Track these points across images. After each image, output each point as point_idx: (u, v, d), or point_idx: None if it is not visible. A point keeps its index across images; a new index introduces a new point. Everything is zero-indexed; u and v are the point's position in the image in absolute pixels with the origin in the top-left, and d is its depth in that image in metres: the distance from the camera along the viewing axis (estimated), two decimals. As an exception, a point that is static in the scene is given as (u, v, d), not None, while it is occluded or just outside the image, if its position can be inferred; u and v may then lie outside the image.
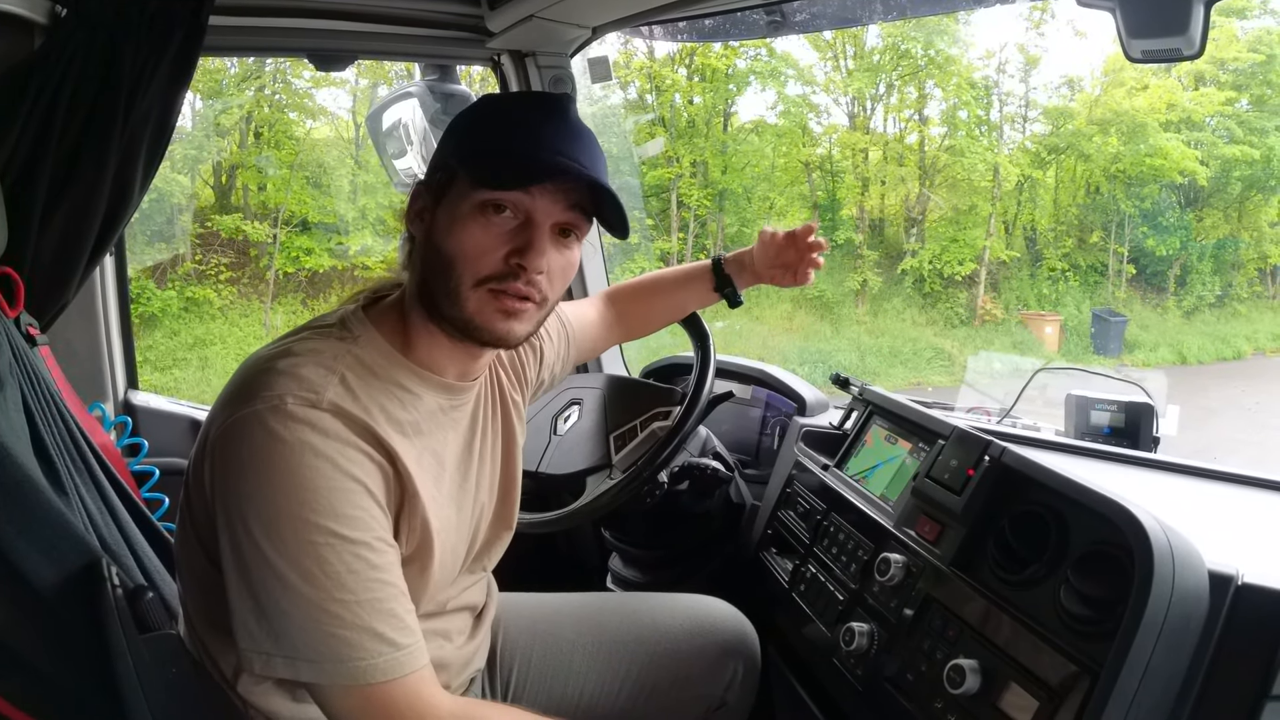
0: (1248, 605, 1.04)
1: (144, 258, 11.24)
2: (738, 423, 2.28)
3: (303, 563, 0.94)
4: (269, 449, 0.96)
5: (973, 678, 1.16)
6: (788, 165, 15.76)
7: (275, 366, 1.02)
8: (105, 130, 1.65)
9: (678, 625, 1.55)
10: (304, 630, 0.94)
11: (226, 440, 0.98)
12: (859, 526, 1.58)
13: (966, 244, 15.10)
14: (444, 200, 1.10)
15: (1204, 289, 15.77)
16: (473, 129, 1.14)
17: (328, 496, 0.97)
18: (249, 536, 0.95)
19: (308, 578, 0.94)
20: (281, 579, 0.94)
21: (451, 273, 1.08)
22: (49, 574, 0.94)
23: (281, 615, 0.94)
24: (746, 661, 1.57)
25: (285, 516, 0.94)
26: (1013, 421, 1.97)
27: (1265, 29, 15.30)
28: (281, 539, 0.94)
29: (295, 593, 0.94)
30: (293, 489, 0.95)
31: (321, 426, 0.98)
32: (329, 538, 0.96)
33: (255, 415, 0.97)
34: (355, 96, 13.45)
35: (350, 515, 0.98)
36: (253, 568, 0.95)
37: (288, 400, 0.98)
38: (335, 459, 0.98)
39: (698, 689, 1.52)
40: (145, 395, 2.21)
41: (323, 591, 0.95)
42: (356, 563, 0.97)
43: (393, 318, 1.15)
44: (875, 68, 15.51)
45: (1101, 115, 15.19)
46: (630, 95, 14.77)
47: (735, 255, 1.75)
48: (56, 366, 1.60)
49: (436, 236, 1.10)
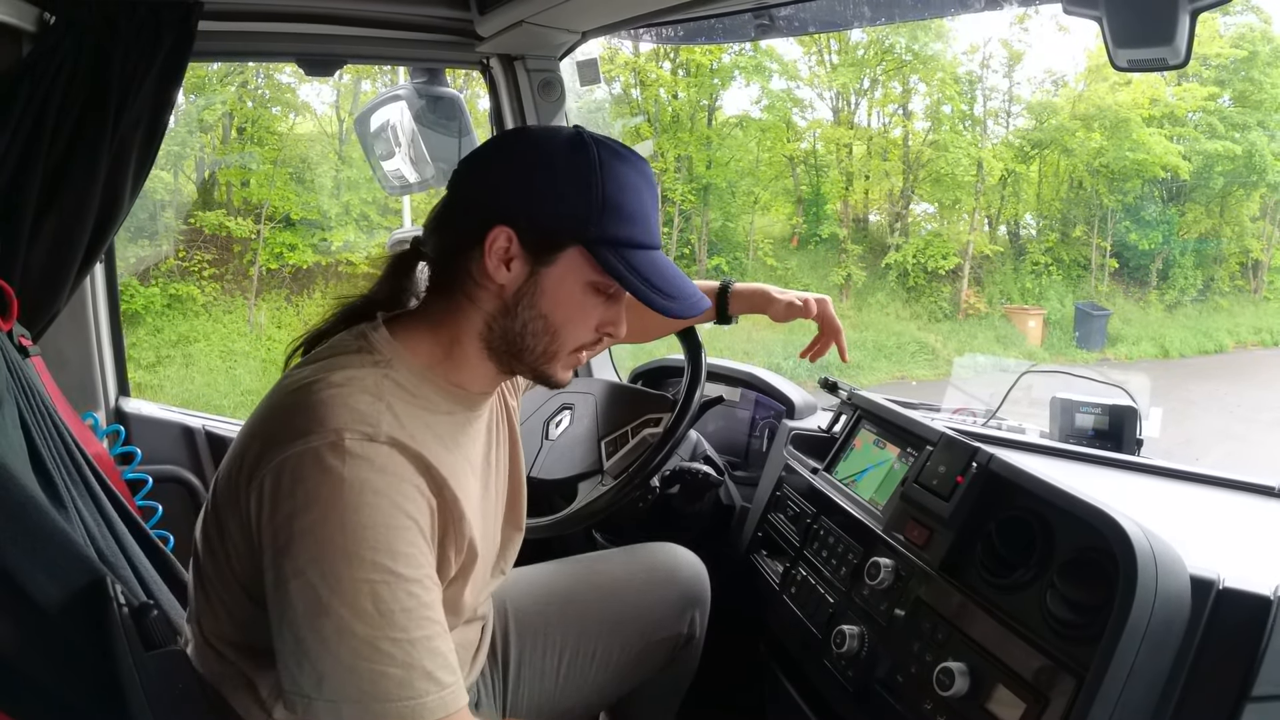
0: (1228, 609, 1.07)
1: (127, 255, 11.14)
2: (727, 424, 2.29)
3: (359, 601, 0.93)
4: (329, 487, 0.95)
5: (961, 680, 1.18)
6: (772, 160, 15.72)
7: (323, 398, 1.01)
8: (95, 138, 1.65)
9: (639, 576, 1.64)
10: (353, 671, 0.93)
11: (280, 477, 0.97)
12: (848, 530, 1.60)
13: (950, 238, 15.15)
14: (550, 265, 1.10)
15: (1186, 283, 15.87)
16: (609, 212, 1.09)
17: (386, 535, 0.96)
18: (300, 576, 0.94)
19: (362, 616, 0.93)
20: (334, 618, 0.93)
21: (556, 339, 1.13)
22: (54, 593, 0.94)
23: (329, 656, 0.93)
24: (701, 596, 1.68)
25: (344, 554, 0.94)
26: (998, 423, 1.98)
27: (1248, 25, 15.41)
28: (338, 577, 0.93)
29: (348, 632, 0.93)
30: (353, 527, 0.95)
31: (380, 463, 0.99)
32: (386, 575, 0.95)
33: (313, 452, 0.96)
34: (339, 91, 13.39)
35: (406, 553, 0.98)
36: (301, 607, 0.94)
37: (345, 436, 0.98)
38: (394, 497, 0.99)
39: (665, 631, 1.62)
40: (137, 402, 2.21)
41: (377, 630, 0.94)
42: (410, 600, 0.96)
43: (422, 338, 1.15)
44: (859, 62, 15.50)
45: (1085, 110, 15.24)
46: (615, 90, 14.76)
47: (749, 295, 1.78)
48: (49, 377, 1.60)
49: (541, 300, 1.11)
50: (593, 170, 1.08)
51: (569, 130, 1.13)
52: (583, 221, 1.08)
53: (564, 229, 1.09)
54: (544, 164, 1.09)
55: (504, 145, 1.17)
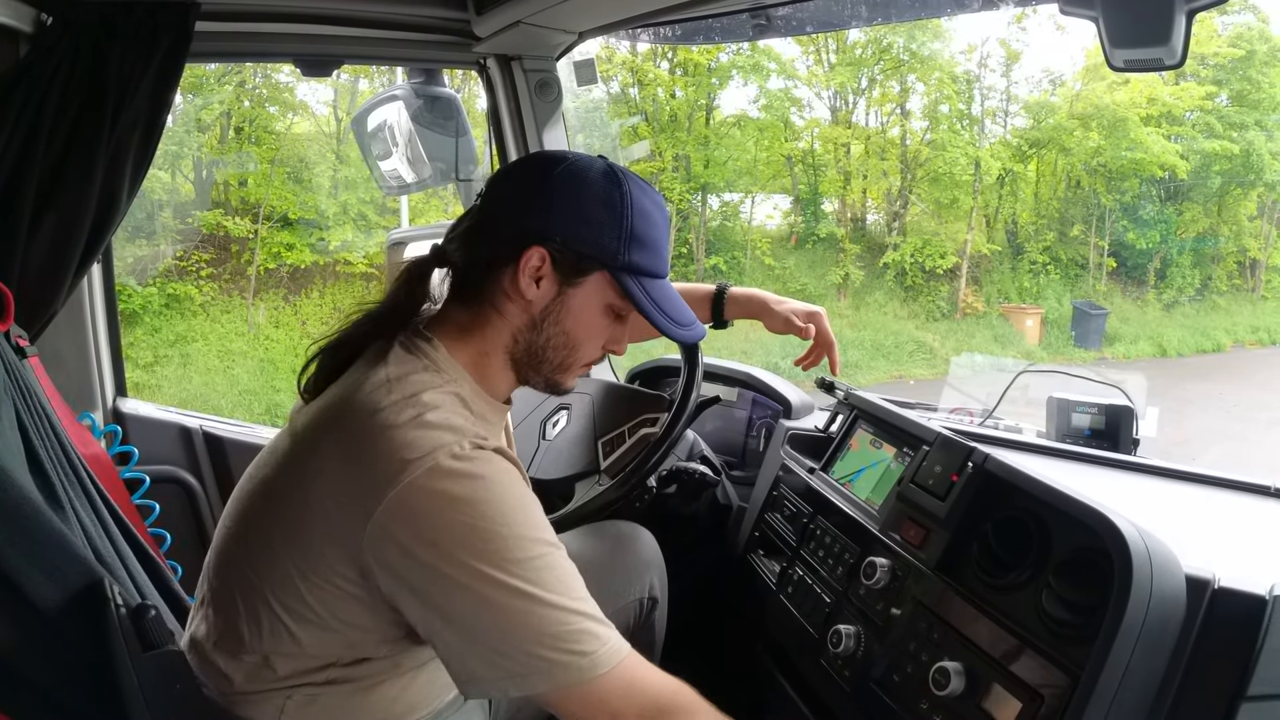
0: (1224, 608, 1.07)
1: (125, 255, 11.12)
2: (724, 425, 2.30)
3: (541, 576, 1.02)
4: (469, 487, 1.02)
5: (957, 680, 1.18)
6: (770, 159, 15.73)
7: (417, 422, 1.06)
8: (92, 138, 1.65)
9: (599, 546, 1.71)
10: (558, 639, 1.01)
11: (407, 504, 1.01)
12: (845, 530, 1.60)
13: (948, 237, 15.15)
14: (578, 286, 1.18)
15: (1184, 282, 15.91)
16: (634, 243, 1.18)
17: (535, 514, 1.06)
18: (473, 581, 1.00)
19: (549, 586, 1.02)
20: (525, 600, 1.00)
21: (573, 354, 1.22)
22: (52, 594, 0.94)
23: (530, 640, 1.00)
24: (657, 561, 1.75)
25: (512, 540, 1.01)
26: (995, 423, 1.99)
27: (1245, 25, 15.43)
28: (514, 560, 1.01)
29: (542, 605, 1.01)
30: (509, 512, 1.03)
31: (498, 463, 1.06)
32: (549, 548, 1.05)
33: (435, 470, 1.02)
34: (336, 91, 13.37)
35: (547, 526, 1.07)
36: (484, 611, 1.00)
37: (455, 448, 1.04)
38: (522, 486, 1.08)
39: (631, 595, 1.68)
40: (134, 402, 2.20)
41: (564, 596, 1.03)
42: (570, 565, 1.07)
43: (459, 350, 1.20)
44: (857, 62, 15.52)
45: (1082, 109, 15.26)
46: (613, 89, 14.75)
47: (745, 301, 1.90)
48: (46, 377, 1.60)
49: (565, 318, 1.19)
50: (625, 202, 1.18)
51: (602, 163, 1.21)
52: (612, 250, 1.17)
53: (595, 255, 1.17)
54: (584, 193, 1.17)
55: (543, 169, 1.21)
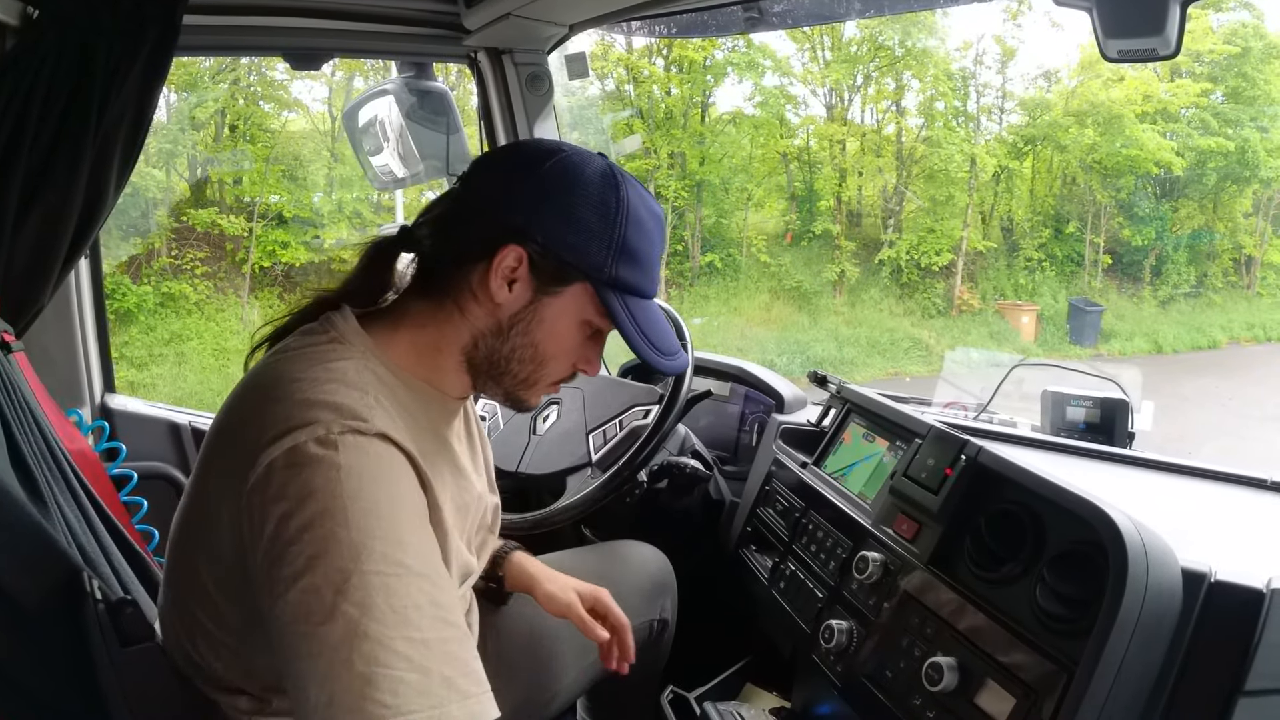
0: (1220, 602, 1.06)
1: (119, 253, 11.10)
2: (716, 419, 2.29)
3: (370, 598, 0.85)
4: (324, 477, 0.88)
5: (950, 675, 1.17)
6: (765, 156, 15.75)
7: (306, 392, 0.95)
8: (79, 132, 1.63)
9: (615, 568, 1.69)
10: (368, 681, 0.82)
11: (270, 478, 0.90)
12: (837, 524, 1.59)
13: (944, 234, 15.16)
14: (555, 295, 1.07)
15: (1179, 279, 15.91)
16: (624, 256, 1.06)
17: (391, 523, 0.90)
18: (301, 580, 0.85)
19: (374, 614, 0.84)
20: (343, 620, 0.83)
21: (539, 370, 1.11)
22: (30, 588, 0.93)
23: (340, 666, 0.82)
24: (670, 585, 1.73)
25: (349, 548, 0.86)
26: (989, 417, 1.98)
27: (1240, 22, 15.44)
28: (344, 573, 0.85)
29: (359, 634, 0.83)
30: (356, 516, 0.87)
31: (374, 453, 0.93)
32: (396, 568, 0.87)
33: (302, 447, 0.90)
34: (331, 88, 13.36)
35: (414, 544, 0.91)
36: (305, 617, 0.84)
37: (334, 429, 0.91)
38: (392, 487, 0.93)
39: (643, 617, 1.64)
40: (122, 399, 2.19)
41: (392, 629, 0.84)
42: (421, 597, 0.88)
43: (400, 336, 1.09)
44: (853, 59, 15.52)
45: (1078, 106, 15.27)
46: (608, 86, 14.76)
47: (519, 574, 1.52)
48: (32, 373, 1.58)
49: (536, 328, 1.07)
50: (620, 209, 1.05)
51: (600, 161, 1.09)
52: (599, 261, 1.05)
53: (579, 264, 1.05)
54: (576, 193, 1.05)
55: (533, 159, 1.08)
